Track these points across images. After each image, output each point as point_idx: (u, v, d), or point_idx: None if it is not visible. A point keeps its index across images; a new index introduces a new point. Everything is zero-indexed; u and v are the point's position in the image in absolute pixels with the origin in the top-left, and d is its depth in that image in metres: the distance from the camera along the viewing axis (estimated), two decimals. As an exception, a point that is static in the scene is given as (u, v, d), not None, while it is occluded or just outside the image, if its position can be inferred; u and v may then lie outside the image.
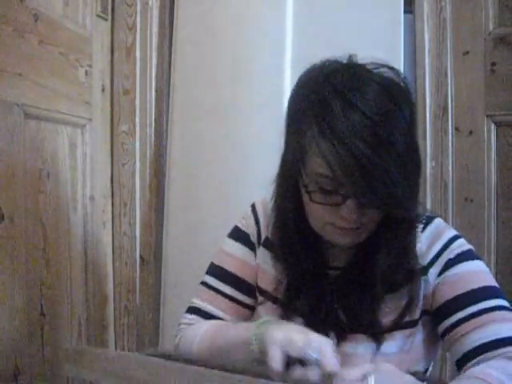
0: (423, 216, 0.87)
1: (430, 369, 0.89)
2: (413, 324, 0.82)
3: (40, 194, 1.28)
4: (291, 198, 0.81)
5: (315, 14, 1.47)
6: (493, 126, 1.47)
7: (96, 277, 1.52)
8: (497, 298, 0.79)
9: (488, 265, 1.47)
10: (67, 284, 1.38)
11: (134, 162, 1.62)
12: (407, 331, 0.81)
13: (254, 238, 0.93)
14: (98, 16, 1.54)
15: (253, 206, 0.96)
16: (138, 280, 1.62)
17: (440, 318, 0.80)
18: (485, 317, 0.76)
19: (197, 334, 0.88)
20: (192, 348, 0.87)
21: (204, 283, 0.95)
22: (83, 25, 1.48)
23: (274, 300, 0.88)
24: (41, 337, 1.26)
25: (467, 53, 1.49)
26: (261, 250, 0.92)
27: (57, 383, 1.29)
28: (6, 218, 1.14)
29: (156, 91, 1.65)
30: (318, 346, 0.65)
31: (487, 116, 1.47)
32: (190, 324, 0.93)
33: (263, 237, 0.92)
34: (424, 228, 0.86)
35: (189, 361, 0.68)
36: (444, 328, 0.79)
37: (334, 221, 0.75)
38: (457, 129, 1.50)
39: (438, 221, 0.88)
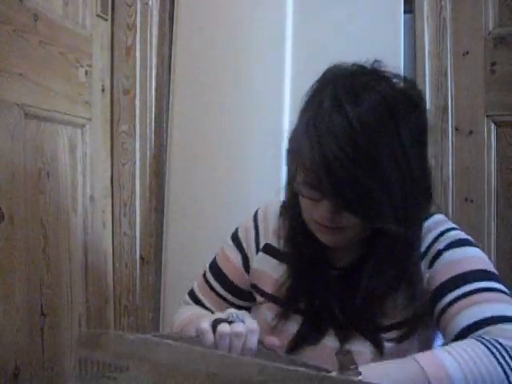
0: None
1: None
2: (411, 323, 0.82)
3: (40, 194, 1.28)
4: (294, 197, 0.83)
5: (315, 14, 1.47)
6: (493, 126, 1.47)
7: (96, 277, 1.52)
8: (490, 280, 0.78)
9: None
10: (67, 284, 1.38)
11: (134, 162, 1.62)
12: (406, 330, 0.81)
13: (247, 245, 0.95)
14: (98, 16, 1.54)
15: (255, 213, 0.98)
16: (138, 280, 1.62)
17: (434, 304, 0.79)
18: (477, 296, 0.75)
19: (178, 319, 0.95)
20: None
21: (204, 274, 1.00)
22: (83, 25, 1.48)
23: (275, 300, 0.89)
24: (41, 337, 1.26)
25: (467, 53, 1.49)
26: (260, 256, 0.93)
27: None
28: (6, 218, 1.14)
29: (156, 91, 1.65)
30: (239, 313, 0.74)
31: (487, 116, 1.47)
32: (186, 304, 1.01)
33: (262, 243, 0.93)
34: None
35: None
36: (438, 311, 0.78)
37: (316, 217, 0.77)
38: (457, 129, 1.50)
39: (437, 216, 0.86)
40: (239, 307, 0.94)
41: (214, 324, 0.71)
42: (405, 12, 1.46)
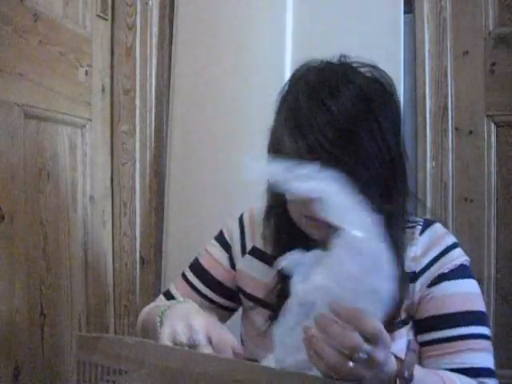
0: (420, 220, 0.87)
1: None
2: (401, 325, 0.81)
3: (40, 194, 1.28)
4: (278, 197, 0.82)
5: (315, 14, 1.47)
6: (493, 126, 1.47)
7: (96, 277, 1.52)
8: (478, 324, 0.79)
9: (488, 264, 1.48)
10: (67, 284, 1.38)
11: (134, 162, 1.62)
12: (396, 333, 0.81)
13: (232, 245, 0.95)
14: (98, 16, 1.54)
15: (240, 217, 0.98)
16: (137, 280, 1.62)
17: (419, 330, 0.81)
18: (460, 343, 0.77)
19: (142, 313, 0.92)
20: (136, 328, 0.92)
21: (183, 275, 0.98)
22: (83, 25, 1.47)
23: (265, 305, 0.88)
24: (41, 337, 1.26)
25: (467, 53, 1.49)
26: (248, 259, 0.93)
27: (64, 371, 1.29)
28: (6, 218, 1.14)
29: (156, 91, 1.65)
30: (199, 329, 0.68)
31: (487, 116, 1.47)
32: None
33: (249, 245, 0.93)
34: (422, 232, 0.85)
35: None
36: (420, 341, 0.80)
37: (306, 212, 0.76)
38: (457, 129, 1.50)
39: (437, 226, 0.87)
40: (225, 308, 0.95)
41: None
42: (405, 12, 1.46)
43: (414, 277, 0.82)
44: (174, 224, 1.58)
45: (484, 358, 0.78)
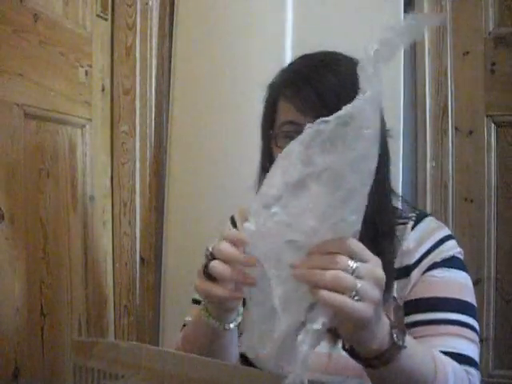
0: (413, 215, 0.87)
1: None
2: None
3: (40, 194, 1.28)
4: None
5: (315, 14, 1.47)
6: (493, 126, 1.47)
7: (96, 277, 1.52)
8: (464, 314, 0.78)
9: (488, 264, 1.48)
10: (67, 284, 1.38)
11: (134, 162, 1.62)
12: None
13: None
14: (98, 16, 1.54)
15: (231, 217, 0.99)
16: (137, 280, 1.62)
17: (405, 313, 0.80)
18: (443, 327, 0.76)
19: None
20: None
21: (193, 300, 0.96)
22: (83, 25, 1.47)
23: None
24: (41, 337, 1.26)
25: (467, 53, 1.49)
26: None
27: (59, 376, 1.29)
28: (6, 218, 1.14)
29: (156, 91, 1.65)
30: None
31: (487, 116, 1.47)
32: None
33: None
34: (414, 226, 0.86)
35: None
36: (405, 322, 0.78)
37: None
38: (457, 129, 1.50)
39: (429, 220, 0.87)
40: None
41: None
42: (405, 12, 1.46)
43: (408, 270, 0.82)
44: (174, 224, 1.58)
45: (467, 346, 0.76)
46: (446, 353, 0.73)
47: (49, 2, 1.32)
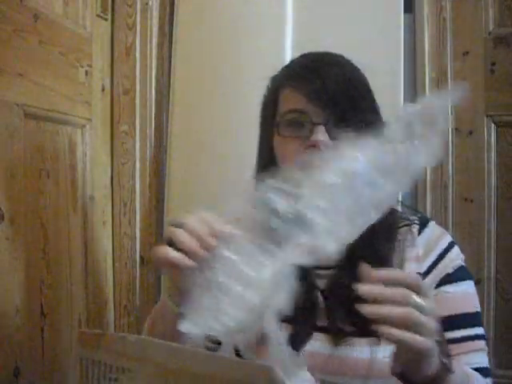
0: (415, 218, 0.87)
1: None
2: None
3: (40, 194, 1.28)
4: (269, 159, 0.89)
5: (315, 14, 1.47)
6: (493, 126, 1.47)
7: (96, 277, 1.52)
8: (477, 325, 0.82)
9: (488, 264, 1.48)
10: (67, 284, 1.38)
11: (134, 162, 1.62)
12: None
13: None
14: (98, 16, 1.54)
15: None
16: (137, 280, 1.62)
17: None
18: (464, 344, 0.79)
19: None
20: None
21: None
22: (83, 25, 1.47)
23: None
24: (41, 337, 1.26)
25: (467, 53, 1.49)
26: None
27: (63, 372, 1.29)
28: (6, 218, 1.14)
29: (156, 91, 1.65)
30: None
31: (487, 116, 1.47)
32: None
33: None
34: (420, 231, 0.86)
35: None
36: None
37: (308, 147, 0.80)
38: (457, 129, 1.50)
39: (432, 225, 0.88)
40: None
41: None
42: (405, 12, 1.46)
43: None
44: (173, 224, 1.58)
45: (485, 358, 0.80)
46: (474, 369, 0.77)
47: (49, 1, 1.32)
